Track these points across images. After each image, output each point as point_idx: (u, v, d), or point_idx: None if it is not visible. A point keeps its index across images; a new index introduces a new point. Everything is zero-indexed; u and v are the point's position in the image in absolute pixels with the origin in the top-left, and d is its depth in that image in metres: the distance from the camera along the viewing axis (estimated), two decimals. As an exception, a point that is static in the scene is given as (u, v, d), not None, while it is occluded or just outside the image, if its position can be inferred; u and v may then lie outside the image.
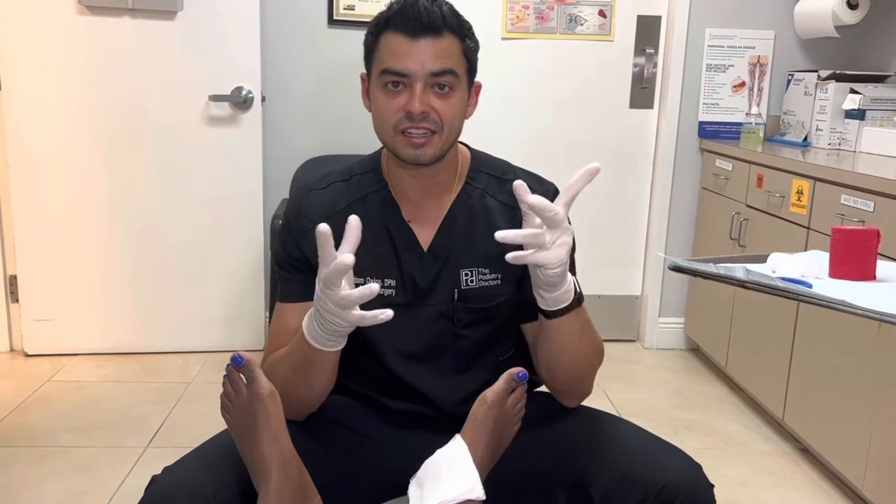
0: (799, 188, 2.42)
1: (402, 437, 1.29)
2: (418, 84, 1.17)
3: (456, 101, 1.21)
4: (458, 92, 1.21)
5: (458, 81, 1.20)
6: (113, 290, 3.01)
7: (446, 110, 1.19)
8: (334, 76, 3.11)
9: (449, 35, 1.19)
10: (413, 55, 1.17)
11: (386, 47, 1.20)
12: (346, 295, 1.06)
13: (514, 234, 1.08)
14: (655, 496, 1.11)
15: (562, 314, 1.17)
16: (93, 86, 2.86)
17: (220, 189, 2.99)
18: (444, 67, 1.18)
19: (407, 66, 1.17)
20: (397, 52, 1.18)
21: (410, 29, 1.17)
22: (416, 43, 1.17)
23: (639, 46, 3.23)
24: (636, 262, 3.42)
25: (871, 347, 2.04)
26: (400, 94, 1.19)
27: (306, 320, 1.16)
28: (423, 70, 1.17)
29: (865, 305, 0.96)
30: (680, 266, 1.11)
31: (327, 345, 1.15)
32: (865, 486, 2.07)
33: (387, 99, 1.20)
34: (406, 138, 1.20)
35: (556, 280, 1.13)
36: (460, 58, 1.21)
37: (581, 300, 1.19)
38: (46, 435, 2.41)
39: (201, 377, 2.89)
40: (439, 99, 1.19)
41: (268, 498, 1.04)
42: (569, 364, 1.24)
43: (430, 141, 1.20)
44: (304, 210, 1.29)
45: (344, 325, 1.10)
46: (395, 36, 1.18)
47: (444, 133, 1.21)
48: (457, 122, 1.23)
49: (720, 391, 2.97)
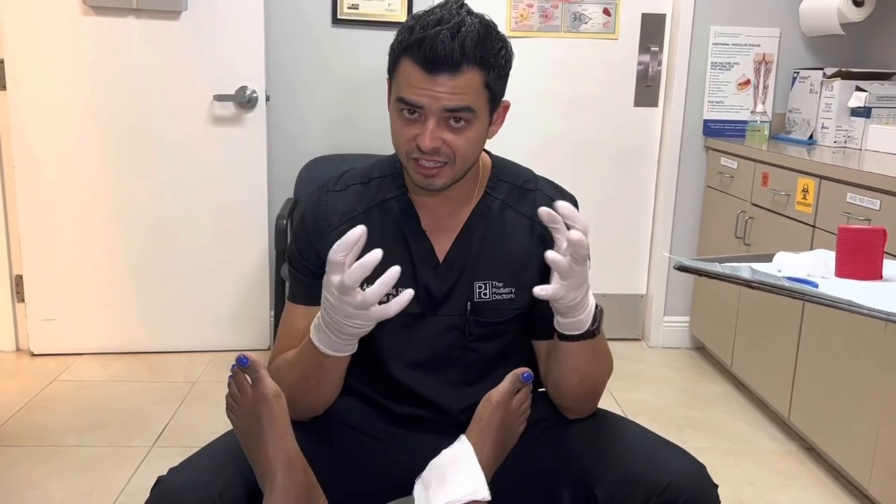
0: (804, 186, 2.42)
1: (407, 437, 1.29)
2: (431, 120, 1.13)
3: (472, 133, 1.16)
4: (475, 125, 1.16)
5: (475, 116, 1.15)
6: (118, 290, 3.02)
7: (460, 144, 1.15)
8: (339, 75, 3.11)
9: (469, 70, 1.12)
10: (427, 90, 1.12)
11: (403, 74, 1.14)
12: (365, 298, 1.03)
13: (552, 289, 1.08)
14: (659, 496, 1.11)
15: (576, 339, 1.17)
16: (98, 86, 2.87)
17: (224, 189, 2.99)
18: (460, 104, 1.12)
19: (420, 100, 1.12)
20: (412, 83, 1.13)
21: (427, 63, 1.11)
22: (431, 79, 1.11)
23: (643, 44, 3.22)
24: (641, 260, 3.41)
25: (878, 346, 2.03)
26: (413, 124, 1.15)
27: (314, 330, 1.14)
28: (436, 105, 1.12)
29: (872, 305, 0.96)
30: (685, 266, 1.11)
31: (343, 350, 1.14)
32: (872, 486, 2.07)
33: (401, 125, 1.16)
34: (417, 165, 1.17)
35: (572, 309, 1.12)
36: (480, 91, 1.14)
37: (597, 332, 1.17)
38: (52, 434, 2.42)
39: (206, 377, 2.89)
40: (453, 133, 1.14)
41: (273, 498, 1.04)
42: (576, 386, 1.23)
43: (441, 171, 1.17)
44: (322, 212, 1.27)
45: (366, 326, 1.08)
46: (412, 66, 1.12)
47: (457, 164, 1.17)
48: (472, 152, 1.18)
49: (725, 390, 2.96)
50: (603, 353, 1.23)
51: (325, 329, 1.11)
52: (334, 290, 1.04)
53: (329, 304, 1.07)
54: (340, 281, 1.02)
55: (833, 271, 1.12)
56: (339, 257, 1.01)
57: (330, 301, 1.07)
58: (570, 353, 1.18)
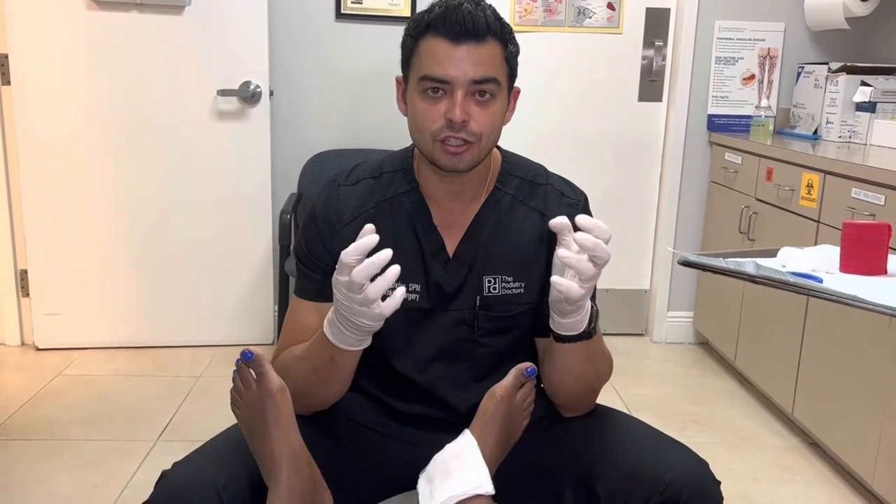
0: (809, 181, 2.41)
1: (411, 432, 1.29)
2: (459, 91, 1.13)
3: (496, 109, 1.17)
4: (498, 100, 1.17)
5: (499, 89, 1.17)
6: (123, 284, 3.03)
7: (485, 120, 1.16)
8: (342, 70, 3.11)
9: (492, 41, 1.15)
10: (455, 61, 1.13)
11: (426, 52, 1.15)
12: (366, 295, 1.04)
13: (571, 287, 1.07)
14: (661, 493, 1.11)
15: (570, 341, 1.16)
16: (102, 81, 2.87)
17: (228, 184, 3.00)
18: (486, 75, 1.14)
19: (448, 73, 1.13)
20: (438, 57, 1.13)
21: (453, 34, 1.13)
22: (458, 48, 1.13)
23: (647, 39, 3.22)
24: (645, 255, 3.41)
25: (882, 342, 2.03)
26: (440, 101, 1.15)
27: (328, 326, 1.15)
28: (464, 77, 1.13)
29: (876, 300, 0.95)
30: (689, 261, 1.10)
31: (355, 344, 1.14)
32: (875, 481, 2.07)
33: (426, 105, 1.16)
34: (444, 146, 1.16)
35: (573, 310, 1.12)
36: (502, 64, 1.17)
37: (593, 333, 1.17)
38: (57, 428, 2.43)
39: (210, 371, 2.90)
40: (479, 108, 1.15)
41: (278, 492, 1.05)
42: (571, 386, 1.23)
43: (468, 150, 1.17)
44: (334, 207, 1.26)
45: (373, 323, 1.09)
46: (437, 40, 1.14)
47: (482, 143, 1.17)
48: (495, 131, 1.19)
49: (729, 385, 2.96)
50: (599, 354, 1.23)
51: (338, 324, 1.12)
52: (342, 287, 1.05)
53: (337, 301, 1.08)
54: (349, 278, 1.03)
55: (837, 266, 1.12)
56: (352, 260, 1.02)
57: (338, 297, 1.08)
58: (566, 353, 1.18)
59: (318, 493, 1.10)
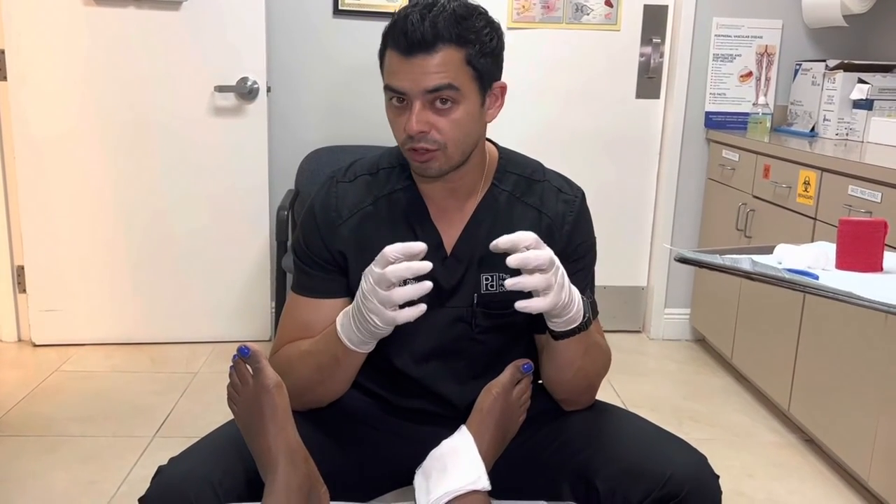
0: (806, 179, 2.41)
1: (408, 428, 1.29)
2: (416, 102, 1.13)
3: (460, 114, 1.15)
4: (462, 104, 1.15)
5: (460, 94, 1.14)
6: (120, 281, 3.02)
7: (447, 127, 1.14)
8: (340, 67, 3.11)
9: (444, 47, 1.12)
10: (406, 73, 1.12)
11: (387, 64, 1.16)
12: (389, 295, 1.06)
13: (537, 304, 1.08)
14: (661, 488, 1.11)
15: (567, 336, 1.16)
16: (99, 76, 2.87)
17: (225, 180, 2.99)
18: (438, 84, 1.12)
19: (402, 85, 1.13)
20: (393, 70, 1.14)
21: (402, 47, 1.12)
22: (408, 61, 1.12)
23: (645, 36, 3.21)
24: (642, 252, 3.41)
25: (878, 339, 2.04)
26: (403, 112, 1.15)
27: (342, 319, 1.15)
28: (417, 88, 1.12)
29: (872, 297, 0.96)
30: (686, 257, 1.11)
31: (360, 345, 1.15)
32: (871, 478, 2.07)
33: (393, 115, 1.18)
34: (412, 152, 1.17)
35: (562, 310, 1.12)
36: (461, 68, 1.13)
37: (589, 324, 1.17)
38: (54, 424, 2.42)
39: (208, 367, 2.90)
40: (439, 115, 1.14)
41: (274, 488, 1.05)
42: (570, 381, 1.24)
43: (435, 156, 1.16)
44: (332, 203, 1.26)
45: (381, 327, 1.10)
46: (392, 53, 1.14)
47: (450, 149, 1.16)
48: (465, 135, 1.17)
49: (726, 382, 2.96)
50: (596, 346, 1.23)
51: (353, 318, 1.13)
52: (372, 278, 1.07)
53: (362, 292, 1.10)
54: (382, 272, 1.05)
55: (834, 263, 1.12)
56: (393, 257, 1.05)
57: (364, 288, 1.09)
58: (563, 349, 1.18)
59: (314, 488, 1.10)
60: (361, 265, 1.15)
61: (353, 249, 1.24)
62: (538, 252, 1.06)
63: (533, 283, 1.06)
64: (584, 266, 1.29)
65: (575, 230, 1.27)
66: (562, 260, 1.27)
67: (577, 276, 1.27)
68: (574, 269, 1.26)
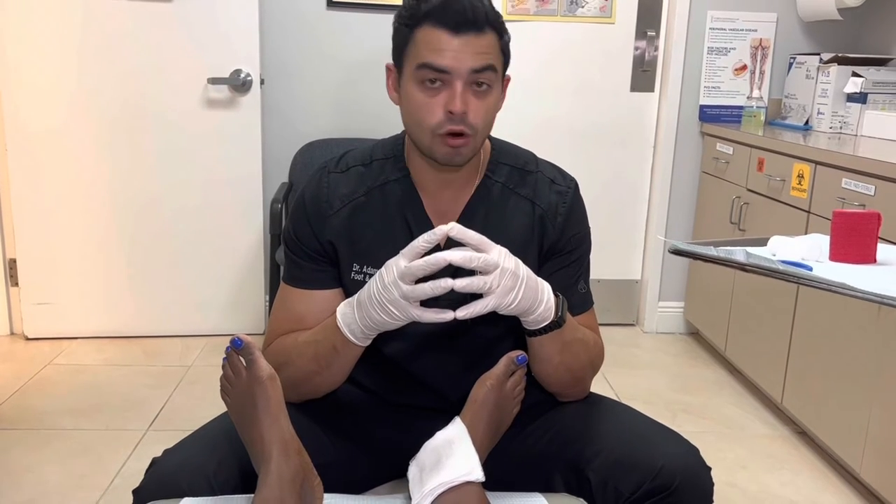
0: (800, 172, 2.42)
1: (402, 420, 1.29)
2: (459, 82, 1.12)
3: (492, 100, 1.17)
4: (494, 90, 1.17)
5: (496, 78, 1.16)
6: (112, 274, 3.01)
7: (482, 112, 1.15)
8: (334, 59, 3.10)
9: (490, 31, 1.14)
10: (455, 51, 1.12)
11: (424, 42, 1.13)
12: (413, 290, 1.05)
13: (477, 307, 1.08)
14: (652, 479, 1.11)
15: (539, 333, 1.17)
16: (91, 69, 2.85)
17: (219, 172, 2.98)
18: (485, 63, 1.13)
19: (449, 63, 1.12)
20: (438, 47, 1.12)
21: (453, 24, 1.11)
22: (458, 39, 1.12)
23: (640, 29, 3.21)
24: (636, 245, 3.42)
25: (871, 330, 2.04)
26: (438, 93, 1.14)
27: (345, 310, 1.15)
28: (464, 67, 1.12)
29: (865, 288, 0.96)
30: (680, 249, 1.11)
31: (360, 338, 1.15)
32: (863, 469, 2.08)
33: (425, 97, 1.14)
34: (444, 139, 1.15)
35: (521, 312, 1.12)
36: (498, 54, 1.16)
37: (562, 322, 1.16)
38: (47, 418, 2.42)
39: (201, 360, 2.89)
40: (477, 99, 1.14)
41: (268, 479, 1.04)
42: (553, 375, 1.24)
43: (468, 141, 1.16)
44: (324, 194, 1.25)
45: (393, 320, 1.10)
46: (436, 30, 1.12)
47: (478, 136, 1.17)
48: (490, 123, 1.19)
49: (719, 375, 2.97)
50: (578, 342, 1.22)
51: (356, 310, 1.12)
52: (395, 270, 1.06)
53: (379, 283, 1.09)
54: (408, 266, 1.05)
55: (827, 255, 1.13)
56: (423, 245, 1.05)
57: (384, 279, 1.08)
58: (538, 345, 1.18)
59: (307, 480, 1.09)
60: (352, 257, 1.15)
61: (343, 241, 1.23)
62: (474, 254, 1.06)
63: (475, 284, 1.06)
64: (577, 257, 1.29)
65: (568, 221, 1.27)
66: (555, 251, 1.27)
67: (570, 266, 1.26)
68: (567, 260, 1.26)
